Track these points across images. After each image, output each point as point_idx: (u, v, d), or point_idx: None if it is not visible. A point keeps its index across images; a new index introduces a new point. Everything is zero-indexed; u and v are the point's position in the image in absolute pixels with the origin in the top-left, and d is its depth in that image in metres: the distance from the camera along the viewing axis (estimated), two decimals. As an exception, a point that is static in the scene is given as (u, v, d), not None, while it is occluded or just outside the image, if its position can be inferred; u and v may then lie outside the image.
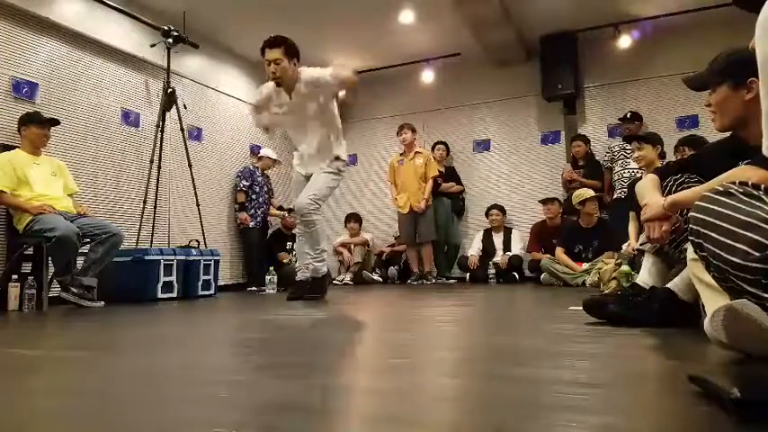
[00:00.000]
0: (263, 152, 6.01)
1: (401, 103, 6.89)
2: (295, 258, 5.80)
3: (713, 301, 1.38)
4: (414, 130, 6.02)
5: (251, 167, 5.86)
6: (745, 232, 1.15)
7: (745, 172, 1.39)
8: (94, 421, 0.90)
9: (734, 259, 1.16)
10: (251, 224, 5.66)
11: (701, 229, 1.25)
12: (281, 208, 6.07)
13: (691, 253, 1.49)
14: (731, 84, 1.66)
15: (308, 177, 3.76)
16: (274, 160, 6.01)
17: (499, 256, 5.88)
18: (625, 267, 3.47)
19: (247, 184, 5.69)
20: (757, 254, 1.13)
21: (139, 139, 4.89)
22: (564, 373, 1.19)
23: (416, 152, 5.95)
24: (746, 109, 1.63)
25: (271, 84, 3.60)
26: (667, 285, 1.88)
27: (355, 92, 3.49)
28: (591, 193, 5.08)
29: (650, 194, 1.83)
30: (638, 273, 2.17)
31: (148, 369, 1.37)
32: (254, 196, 5.74)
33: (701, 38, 5.26)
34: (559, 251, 5.05)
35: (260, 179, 5.81)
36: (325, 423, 0.85)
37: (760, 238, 1.13)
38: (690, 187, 1.78)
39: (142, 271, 3.94)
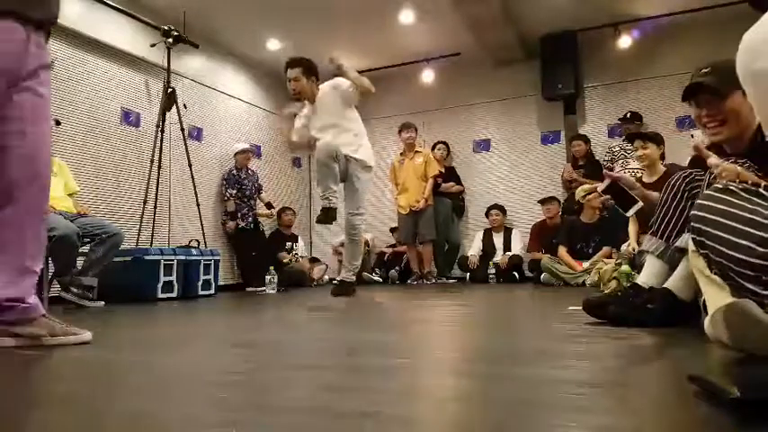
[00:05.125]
0: (236, 147, 5.70)
1: (401, 102, 6.89)
2: (296, 258, 5.91)
3: (714, 297, 1.38)
4: (415, 130, 6.00)
5: (234, 172, 5.61)
6: (748, 229, 1.16)
7: None
8: (93, 421, 0.90)
9: (737, 255, 1.16)
10: (242, 224, 5.55)
11: (703, 227, 1.25)
12: (269, 205, 5.89)
13: (692, 245, 1.48)
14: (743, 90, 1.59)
15: (335, 158, 3.68)
16: (247, 150, 5.70)
17: (499, 256, 5.89)
18: (625, 267, 3.47)
19: (234, 191, 5.52)
20: (761, 249, 1.13)
21: (139, 139, 4.89)
22: (564, 373, 1.19)
23: (416, 151, 5.95)
24: (752, 118, 1.55)
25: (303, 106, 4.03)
26: (665, 285, 1.88)
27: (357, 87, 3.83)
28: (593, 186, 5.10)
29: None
30: (638, 273, 2.17)
31: (148, 369, 1.37)
32: (244, 200, 5.59)
33: (701, 38, 5.27)
34: (562, 250, 5.04)
35: (245, 180, 5.62)
36: (325, 423, 0.85)
37: (765, 235, 1.13)
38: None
39: (142, 271, 3.94)
